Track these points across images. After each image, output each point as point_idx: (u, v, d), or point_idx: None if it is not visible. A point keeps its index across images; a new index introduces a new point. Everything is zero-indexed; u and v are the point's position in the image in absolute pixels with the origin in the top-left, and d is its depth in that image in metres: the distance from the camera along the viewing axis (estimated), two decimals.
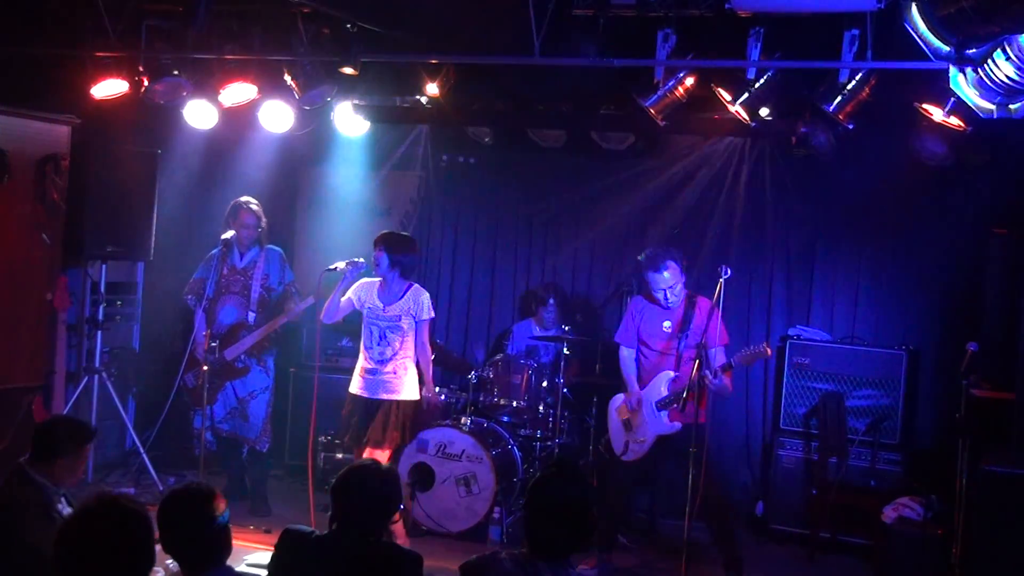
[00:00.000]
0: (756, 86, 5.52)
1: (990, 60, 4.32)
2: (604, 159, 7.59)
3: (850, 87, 5.36)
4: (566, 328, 7.11)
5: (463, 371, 7.36)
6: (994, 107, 4.68)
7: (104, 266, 7.43)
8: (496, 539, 6.57)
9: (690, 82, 5.71)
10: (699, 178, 7.49)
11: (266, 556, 3.94)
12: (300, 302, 6.77)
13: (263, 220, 6.86)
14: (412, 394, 6.29)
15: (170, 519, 3.16)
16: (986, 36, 4.24)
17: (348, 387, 6.37)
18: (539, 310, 7.53)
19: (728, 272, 5.66)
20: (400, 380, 6.24)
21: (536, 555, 3.22)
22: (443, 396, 7.08)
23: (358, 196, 8.18)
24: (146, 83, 6.30)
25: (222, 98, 6.46)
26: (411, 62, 6.39)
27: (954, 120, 5.53)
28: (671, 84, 5.66)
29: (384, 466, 3.98)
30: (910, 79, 5.34)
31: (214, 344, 6.67)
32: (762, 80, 5.50)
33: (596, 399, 7.03)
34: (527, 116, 7.39)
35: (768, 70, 5.46)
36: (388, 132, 8.00)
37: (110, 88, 6.36)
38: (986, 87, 4.51)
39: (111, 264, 7.48)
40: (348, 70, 5.90)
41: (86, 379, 7.30)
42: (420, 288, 6.35)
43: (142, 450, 7.19)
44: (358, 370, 6.32)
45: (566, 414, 7.09)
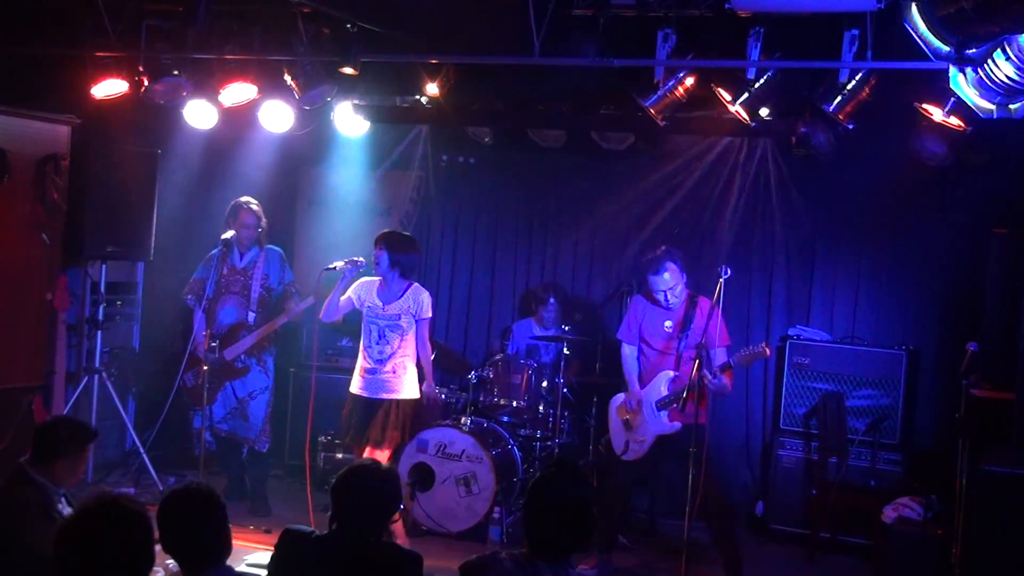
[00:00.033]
0: (756, 86, 5.51)
1: (990, 60, 4.32)
2: (604, 159, 7.59)
3: (850, 87, 5.36)
4: (566, 328, 7.11)
5: (463, 371, 7.36)
6: (994, 107, 4.68)
7: (104, 266, 7.43)
8: (496, 539, 6.57)
9: (690, 82, 5.70)
10: (699, 178, 7.47)
11: (266, 556, 3.95)
12: (300, 302, 6.78)
13: (263, 220, 6.86)
14: (412, 393, 6.30)
15: (170, 519, 3.16)
16: (986, 36, 4.24)
17: (348, 387, 6.38)
18: (539, 310, 7.53)
19: (728, 272, 5.66)
20: (399, 379, 6.24)
21: (536, 555, 3.22)
22: (443, 396, 7.09)
23: (358, 196, 8.18)
24: (146, 83, 6.29)
25: (222, 98, 6.45)
26: (411, 62, 6.39)
27: (954, 120, 5.53)
28: (671, 84, 5.66)
29: (384, 466, 3.99)
30: (910, 79, 5.34)
31: (214, 344, 6.68)
32: (762, 80, 5.49)
33: (596, 399, 7.03)
34: (527, 116, 7.38)
35: (768, 70, 5.46)
36: (388, 132, 7.98)
37: (110, 88, 6.36)
38: (986, 87, 4.50)
39: (111, 264, 7.48)
40: (348, 70, 5.89)
41: (86, 379, 7.30)
42: (420, 287, 6.35)
43: (142, 450, 7.19)
44: (358, 370, 6.33)
45: (566, 414, 7.09)
